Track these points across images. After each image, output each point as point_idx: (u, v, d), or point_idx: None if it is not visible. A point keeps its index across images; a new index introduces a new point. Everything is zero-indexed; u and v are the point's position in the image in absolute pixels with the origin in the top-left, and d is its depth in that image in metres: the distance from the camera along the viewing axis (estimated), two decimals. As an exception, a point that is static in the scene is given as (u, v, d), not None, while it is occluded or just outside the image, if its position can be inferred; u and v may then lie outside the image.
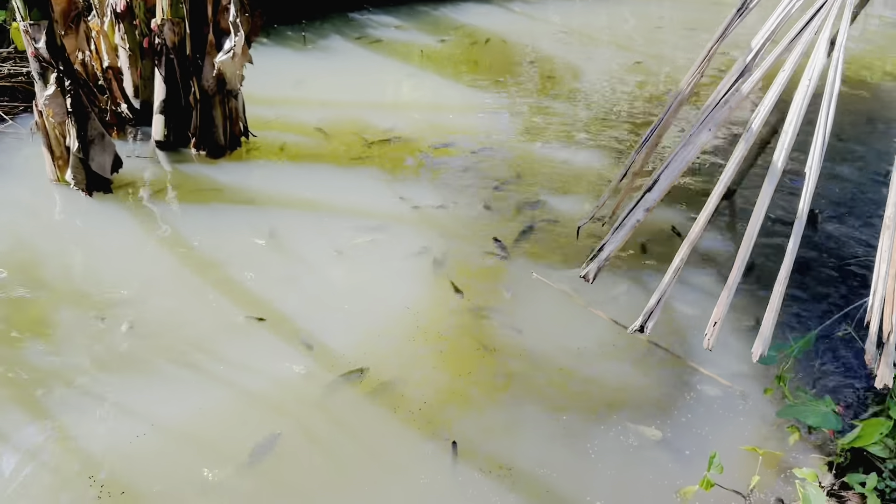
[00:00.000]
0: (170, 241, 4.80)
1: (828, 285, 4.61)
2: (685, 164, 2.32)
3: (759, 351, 2.05)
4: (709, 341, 2.16)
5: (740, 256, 2.11)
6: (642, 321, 2.17)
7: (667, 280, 2.20)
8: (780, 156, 2.18)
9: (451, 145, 6.32)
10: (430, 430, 3.50)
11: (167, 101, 5.70)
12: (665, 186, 2.32)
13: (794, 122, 2.17)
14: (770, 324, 2.06)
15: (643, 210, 2.32)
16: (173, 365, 3.81)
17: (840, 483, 3.24)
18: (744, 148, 2.21)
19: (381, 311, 4.27)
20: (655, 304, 2.19)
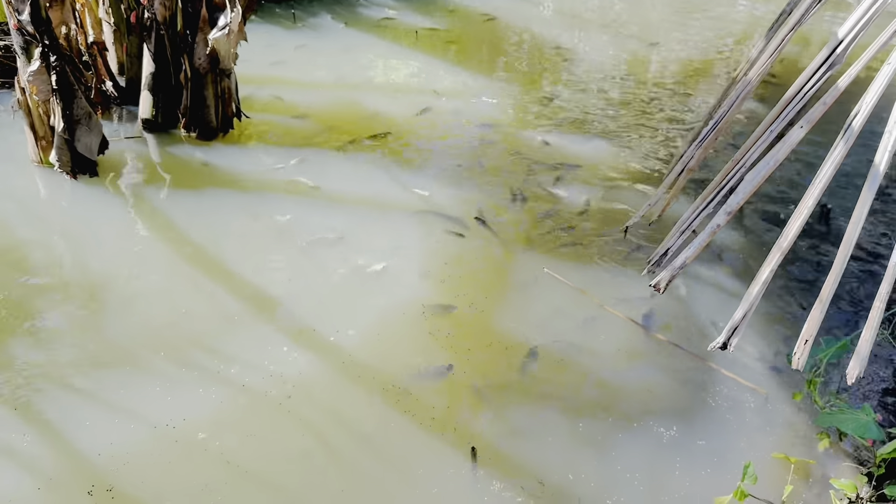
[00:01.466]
0: (160, 227, 4.54)
1: (851, 286, 4.48)
2: (774, 164, 2.14)
3: (855, 372, 1.88)
4: (798, 360, 1.99)
5: (835, 269, 1.93)
6: (726, 337, 2.00)
7: (755, 292, 2.02)
8: (882, 158, 2.01)
9: (447, 129, 6.11)
10: (447, 434, 3.32)
11: (156, 80, 5.40)
12: (750, 189, 2.14)
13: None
14: (868, 342, 1.89)
15: (725, 214, 2.14)
16: (170, 362, 3.58)
17: (878, 495, 3.12)
18: (843, 149, 2.04)
19: (386, 303, 4.06)
20: (741, 319, 2.01)
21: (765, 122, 2.31)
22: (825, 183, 2.00)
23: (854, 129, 2.00)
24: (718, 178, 2.39)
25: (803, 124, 2.11)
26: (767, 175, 2.13)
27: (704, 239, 2.14)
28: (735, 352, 3.96)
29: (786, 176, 5.74)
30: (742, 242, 4.87)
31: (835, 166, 2.02)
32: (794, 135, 2.11)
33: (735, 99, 2.57)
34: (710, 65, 8.35)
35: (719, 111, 2.61)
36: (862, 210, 1.97)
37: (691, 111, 6.96)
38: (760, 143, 2.24)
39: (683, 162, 2.67)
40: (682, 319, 4.13)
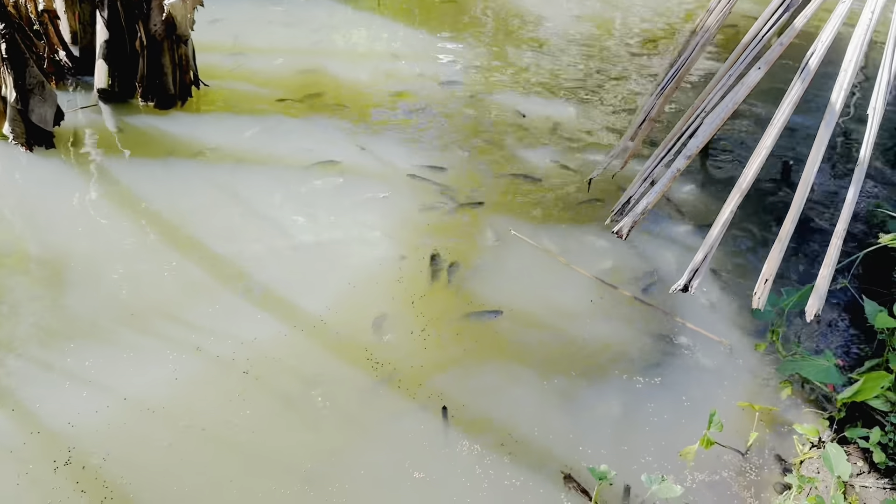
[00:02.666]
0: (120, 198, 4.46)
1: (812, 237, 4.55)
2: (734, 106, 2.15)
3: (814, 309, 1.91)
4: (758, 300, 2.02)
5: (793, 209, 1.95)
6: (687, 279, 2.01)
7: (715, 234, 2.04)
8: (838, 95, 2.02)
9: (411, 94, 6.05)
10: (417, 395, 3.33)
11: (110, 48, 5.26)
12: (710, 132, 2.14)
13: (854, 60, 2.01)
14: (826, 279, 1.92)
15: (685, 158, 2.15)
16: (135, 332, 3.53)
17: (840, 438, 3.19)
18: (800, 88, 2.05)
19: (352, 267, 4.05)
20: (702, 260, 2.02)
21: (724, 67, 2.32)
22: (784, 121, 2.01)
23: (811, 69, 2.02)
24: (679, 125, 2.40)
25: (761, 65, 2.12)
26: (727, 117, 2.14)
27: (665, 184, 2.14)
28: (699, 305, 4.02)
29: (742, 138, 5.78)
30: (703, 198, 4.92)
31: (792, 105, 2.04)
32: (753, 76, 2.12)
33: (694, 47, 2.58)
34: (673, 27, 8.36)
35: (679, 59, 2.61)
36: (819, 148, 1.99)
37: (654, 72, 6.97)
38: (720, 88, 2.25)
39: (645, 111, 2.68)
40: (646, 275, 4.16)
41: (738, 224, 4.63)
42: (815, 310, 1.91)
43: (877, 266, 4.17)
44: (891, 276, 4.02)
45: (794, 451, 3.23)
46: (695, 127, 2.19)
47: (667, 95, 2.63)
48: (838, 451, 2.59)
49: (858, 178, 2.00)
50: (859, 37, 1.99)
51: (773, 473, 3.15)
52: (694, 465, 3.12)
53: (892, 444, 3.03)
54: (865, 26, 2.00)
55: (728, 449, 3.21)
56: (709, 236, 2.06)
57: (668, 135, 2.43)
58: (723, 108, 2.12)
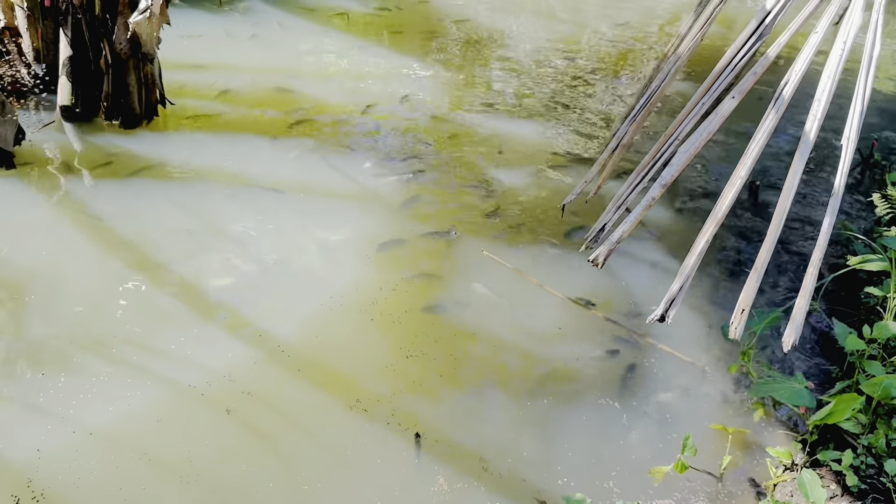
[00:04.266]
0: (84, 220, 4.35)
1: (782, 260, 4.59)
2: (707, 136, 2.15)
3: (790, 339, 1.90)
4: (735, 330, 2.01)
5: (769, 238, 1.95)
6: (664, 309, 2.00)
7: (691, 264, 2.03)
8: (812, 125, 2.03)
9: (380, 113, 6.03)
10: (390, 422, 3.27)
11: (74, 66, 5.17)
12: (684, 161, 2.14)
13: (827, 89, 2.02)
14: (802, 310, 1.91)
15: (660, 187, 2.14)
16: (99, 360, 3.43)
17: (812, 460, 3.20)
18: (774, 118, 2.05)
19: (318, 291, 3.98)
20: (678, 290, 2.01)
21: (696, 95, 2.33)
22: (758, 151, 2.01)
23: (784, 98, 2.02)
24: (651, 152, 2.40)
25: (735, 94, 2.12)
26: (701, 146, 2.14)
27: (640, 212, 2.13)
28: (672, 327, 4.00)
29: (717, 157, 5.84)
30: (677, 221, 4.95)
31: (767, 135, 2.04)
32: (726, 105, 2.12)
33: (666, 74, 2.58)
34: (640, 48, 8.45)
35: (651, 86, 2.61)
36: (794, 177, 1.99)
37: (622, 93, 7.03)
38: (693, 116, 2.25)
39: (618, 138, 2.68)
40: (619, 297, 4.16)
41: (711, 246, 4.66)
42: (791, 340, 1.90)
43: (845, 287, 4.22)
44: (859, 298, 4.06)
45: (767, 474, 3.23)
46: (668, 155, 2.18)
47: (639, 122, 2.63)
48: (813, 477, 2.58)
49: (834, 207, 2.01)
50: (832, 67, 2.00)
51: (748, 497, 3.14)
52: (669, 490, 3.10)
53: (865, 466, 3.03)
54: (838, 56, 2.02)
55: (702, 472, 3.19)
56: (684, 266, 2.05)
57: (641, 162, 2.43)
58: (696, 137, 2.12)
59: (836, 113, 2.27)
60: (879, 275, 4.07)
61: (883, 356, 3.50)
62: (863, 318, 3.89)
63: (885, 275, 4.03)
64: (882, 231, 4.43)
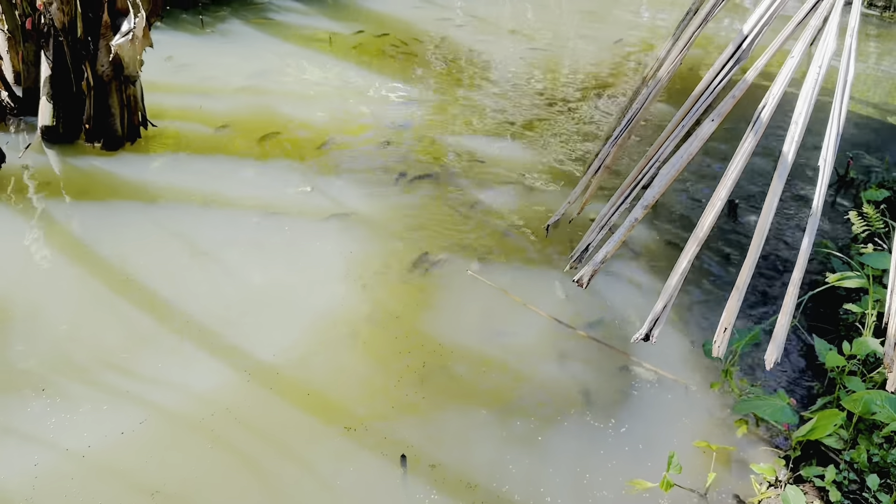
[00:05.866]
0: (65, 243, 4.33)
1: (759, 276, 4.65)
2: (687, 158, 2.18)
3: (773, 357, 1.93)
4: (718, 349, 2.03)
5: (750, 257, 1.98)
6: (648, 328, 2.02)
7: (674, 283, 2.06)
8: (790, 148, 2.07)
9: (363, 133, 6.06)
10: (375, 444, 3.26)
11: (55, 88, 5.15)
12: (665, 183, 2.17)
13: (804, 113, 2.06)
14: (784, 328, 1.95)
15: (642, 208, 2.17)
16: (80, 384, 3.40)
17: (795, 477, 3.22)
18: (753, 140, 2.09)
19: (303, 313, 3.98)
20: (661, 310, 2.04)
21: (675, 118, 2.37)
22: (738, 173, 2.05)
23: (763, 121, 2.07)
24: (633, 174, 2.43)
25: (714, 118, 2.17)
26: (682, 168, 2.18)
27: (623, 233, 2.16)
28: (654, 345, 4.04)
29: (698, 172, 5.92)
30: (657, 240, 5.00)
31: (746, 157, 2.08)
32: (706, 128, 2.16)
33: (646, 97, 2.63)
34: (617, 69, 8.56)
35: (631, 109, 2.66)
36: (773, 199, 2.03)
37: (601, 113, 7.11)
38: (672, 139, 2.28)
39: (600, 159, 2.71)
40: (602, 315, 4.19)
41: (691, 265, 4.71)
42: (773, 358, 1.93)
43: (823, 304, 4.28)
44: (837, 314, 4.12)
45: (752, 490, 3.25)
46: (650, 177, 2.22)
47: (620, 144, 2.67)
48: (797, 493, 2.61)
49: (812, 227, 2.05)
50: (808, 90, 2.05)
51: (733, 515, 3.16)
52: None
53: (847, 481, 3.07)
54: (814, 80, 2.07)
55: (687, 490, 3.21)
56: (667, 286, 2.08)
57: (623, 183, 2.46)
58: (677, 159, 2.16)
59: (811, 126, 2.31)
60: (857, 291, 4.14)
61: (863, 372, 3.55)
62: (842, 335, 3.94)
63: (863, 291, 4.09)
64: (859, 248, 4.50)
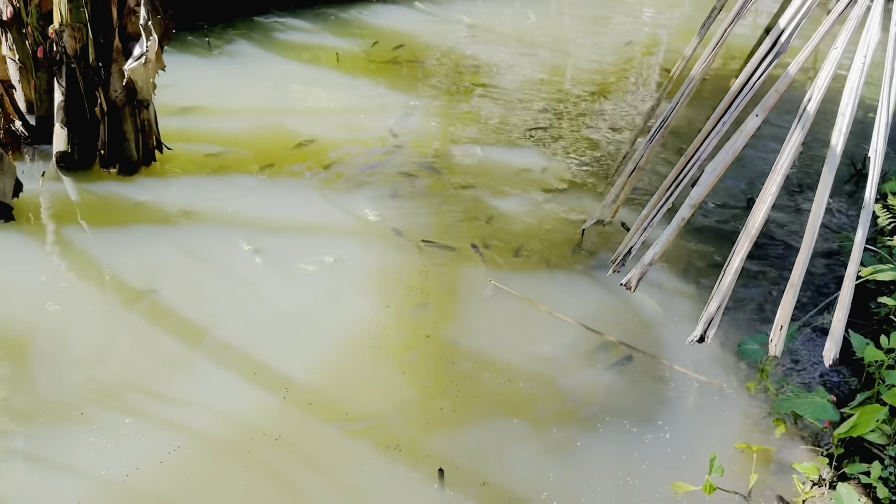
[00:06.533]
0: (87, 269, 4.31)
1: (783, 269, 4.60)
2: (733, 155, 2.15)
3: (831, 354, 1.89)
4: (775, 347, 1.99)
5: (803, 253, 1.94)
6: (702, 330, 1.98)
7: (727, 283, 2.02)
8: (837, 139, 2.04)
9: (374, 147, 6.04)
10: (411, 458, 3.23)
11: (69, 115, 5.16)
12: (712, 180, 2.14)
13: (850, 104, 2.03)
14: (841, 324, 1.91)
15: (689, 207, 2.14)
16: (110, 411, 3.38)
17: (839, 475, 3.17)
18: (800, 134, 2.06)
19: (330, 329, 3.96)
20: (716, 310, 2.00)
21: (716, 114, 2.34)
22: (787, 167, 2.02)
23: (809, 114, 2.04)
24: (673, 173, 2.40)
25: (759, 112, 2.14)
26: (728, 165, 2.15)
27: (671, 233, 2.13)
28: (684, 346, 4.01)
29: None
30: (680, 241, 4.95)
31: (794, 151, 2.05)
32: (751, 123, 2.13)
33: (680, 96, 2.60)
34: (624, 71, 8.54)
35: (666, 108, 2.63)
36: (824, 192, 2.00)
37: (612, 115, 7.09)
38: (714, 135, 2.25)
39: (634, 161, 2.68)
40: (629, 319, 4.15)
41: (709, 259, 4.67)
42: (832, 354, 1.89)
43: (856, 298, 4.22)
44: (870, 308, 4.07)
45: (795, 490, 3.20)
46: (693, 175, 2.19)
47: (654, 146, 2.64)
48: (849, 491, 2.56)
49: (865, 220, 2.01)
50: (854, 81, 2.02)
51: (778, 516, 3.11)
52: (698, 513, 3.07)
53: (894, 477, 3.01)
54: (859, 70, 2.04)
55: (730, 493, 3.17)
56: (721, 285, 2.04)
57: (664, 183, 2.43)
58: (723, 155, 2.13)
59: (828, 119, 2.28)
60: (889, 284, 4.09)
61: (902, 365, 3.50)
62: (875, 328, 3.89)
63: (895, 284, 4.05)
64: (885, 241, 4.45)
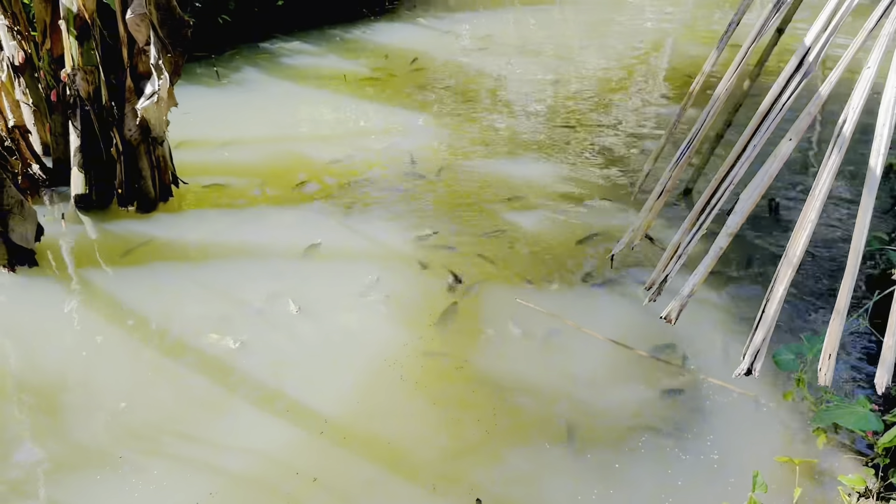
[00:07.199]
0: (112, 311, 4.32)
1: (815, 278, 4.54)
2: (769, 181, 2.12)
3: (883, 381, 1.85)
4: (825, 376, 1.95)
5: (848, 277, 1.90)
6: (749, 363, 1.95)
7: (772, 312, 1.98)
8: (876, 161, 2.00)
9: (387, 169, 6.04)
10: (448, 489, 3.19)
11: (85, 156, 5.18)
12: (748, 208, 2.11)
13: (888, 122, 1.99)
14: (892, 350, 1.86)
15: (726, 236, 2.11)
16: (144, 455, 3.36)
17: (886, 485, 3.11)
18: (837, 157, 2.02)
19: (358, 359, 3.93)
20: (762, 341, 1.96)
21: (744, 136, 2.31)
22: (826, 191, 1.98)
23: (845, 136, 2.01)
24: (703, 197, 2.37)
25: (792, 136, 2.11)
26: (763, 191, 2.11)
27: (709, 264, 2.10)
28: (715, 358, 3.96)
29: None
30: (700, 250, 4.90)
31: (832, 175, 2.01)
32: (785, 148, 2.10)
33: (707, 114, 2.57)
34: (630, 74, 8.51)
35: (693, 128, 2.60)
36: (865, 215, 1.96)
37: (622, 122, 7.05)
38: (745, 160, 2.22)
39: (661, 184, 2.65)
40: (656, 333, 4.10)
41: (732, 265, 4.62)
42: (884, 382, 1.85)
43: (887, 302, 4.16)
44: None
45: (841, 502, 3.14)
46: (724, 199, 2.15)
47: (682, 165, 2.61)
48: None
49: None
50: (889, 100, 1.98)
51: (826, 530, 3.06)
52: (743, 531, 3.02)
53: (942, 486, 2.95)
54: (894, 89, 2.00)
55: (775, 509, 3.11)
56: (766, 316, 2.00)
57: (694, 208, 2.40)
58: (758, 181, 2.09)
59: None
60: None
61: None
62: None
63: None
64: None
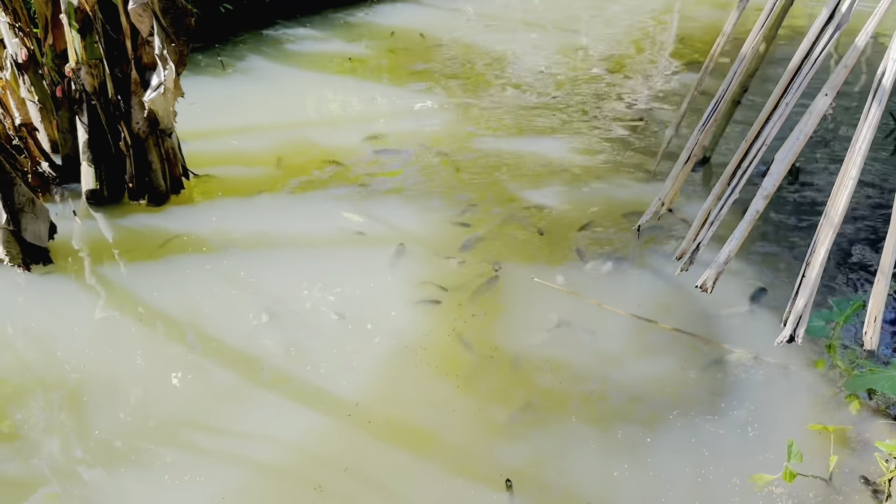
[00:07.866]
0: (129, 306, 4.28)
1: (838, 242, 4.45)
2: (804, 138, 2.04)
3: None
4: (870, 340, 1.89)
5: (890, 242, 1.83)
6: (792, 329, 1.88)
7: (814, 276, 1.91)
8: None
9: (400, 152, 5.96)
10: (477, 471, 3.15)
11: (94, 151, 5.13)
12: (783, 168, 2.03)
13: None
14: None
15: (762, 198, 2.03)
16: (170, 448, 3.34)
17: (924, 449, 3.05)
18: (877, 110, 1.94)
19: (379, 345, 3.89)
20: (804, 307, 1.90)
21: (774, 95, 2.22)
22: (866, 147, 1.90)
23: (885, 88, 1.92)
24: (734, 161, 2.29)
25: (828, 91, 2.02)
26: (799, 150, 2.03)
27: (745, 228, 2.03)
28: (740, 327, 3.90)
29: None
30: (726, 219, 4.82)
31: (872, 129, 1.93)
32: (820, 103, 2.02)
33: (732, 77, 2.48)
34: (639, 42, 8.38)
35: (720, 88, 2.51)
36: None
37: (633, 93, 6.94)
38: (777, 118, 2.13)
39: (687, 150, 2.57)
40: (680, 305, 4.04)
41: (755, 231, 4.54)
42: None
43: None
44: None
45: (878, 469, 3.08)
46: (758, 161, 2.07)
47: (707, 131, 2.53)
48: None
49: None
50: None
51: (864, 497, 3.00)
52: (779, 499, 2.96)
53: (984, 448, 2.88)
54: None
55: (810, 478, 3.06)
56: (807, 280, 1.93)
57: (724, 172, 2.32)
58: (793, 140, 2.02)
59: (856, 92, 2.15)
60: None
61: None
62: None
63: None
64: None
